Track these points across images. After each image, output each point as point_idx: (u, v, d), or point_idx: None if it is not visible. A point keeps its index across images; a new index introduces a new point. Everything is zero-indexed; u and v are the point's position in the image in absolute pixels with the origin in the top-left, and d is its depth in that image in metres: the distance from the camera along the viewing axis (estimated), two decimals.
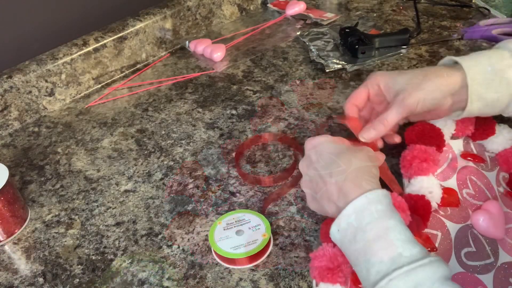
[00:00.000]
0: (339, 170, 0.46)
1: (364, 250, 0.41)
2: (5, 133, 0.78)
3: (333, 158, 0.47)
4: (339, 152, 0.48)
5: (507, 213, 0.52)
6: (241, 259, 0.51)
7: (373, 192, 0.43)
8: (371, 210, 0.42)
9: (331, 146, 0.49)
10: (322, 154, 0.49)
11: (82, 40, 0.83)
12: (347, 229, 0.42)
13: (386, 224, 0.41)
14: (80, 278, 0.53)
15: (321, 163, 0.48)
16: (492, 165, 0.57)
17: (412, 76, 0.52)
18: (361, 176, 0.45)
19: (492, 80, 0.49)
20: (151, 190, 0.63)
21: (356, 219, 0.42)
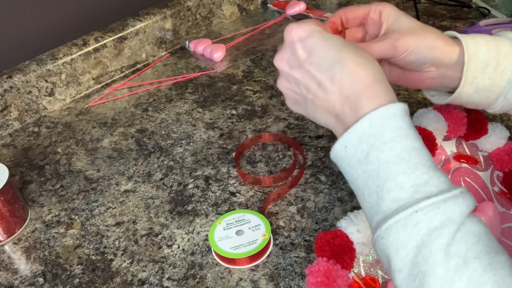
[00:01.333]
0: (345, 73, 0.37)
1: (378, 173, 0.34)
2: (5, 133, 0.78)
3: (333, 57, 0.37)
4: (340, 48, 0.38)
5: (503, 213, 0.52)
6: (241, 259, 0.51)
7: (395, 104, 0.35)
8: (393, 126, 0.35)
9: (327, 39, 0.39)
10: (315, 50, 0.38)
11: (82, 40, 0.83)
12: (359, 146, 0.35)
13: (410, 144, 0.34)
14: (80, 278, 0.53)
15: (316, 63, 0.38)
16: (486, 165, 0.57)
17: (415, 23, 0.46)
18: (377, 84, 0.37)
19: (487, 64, 0.45)
20: (151, 190, 0.63)
21: (372, 135, 0.35)
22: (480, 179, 0.55)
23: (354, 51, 0.38)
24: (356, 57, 0.38)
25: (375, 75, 0.37)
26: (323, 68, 0.38)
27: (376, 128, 0.35)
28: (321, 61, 0.38)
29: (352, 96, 0.37)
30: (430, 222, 0.32)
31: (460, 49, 0.46)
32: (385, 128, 0.35)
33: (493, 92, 0.46)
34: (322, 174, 0.62)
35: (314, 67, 0.38)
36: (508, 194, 0.54)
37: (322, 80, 0.38)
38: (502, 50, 0.46)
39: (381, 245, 0.35)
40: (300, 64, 0.39)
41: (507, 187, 0.54)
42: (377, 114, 0.35)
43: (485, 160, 0.57)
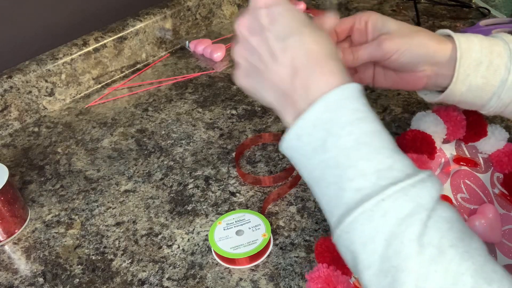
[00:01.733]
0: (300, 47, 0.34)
1: (337, 161, 0.31)
2: (5, 133, 0.78)
3: (293, 29, 0.35)
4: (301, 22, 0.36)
5: (503, 215, 0.52)
6: (241, 259, 0.51)
7: (351, 85, 0.33)
8: (350, 108, 0.32)
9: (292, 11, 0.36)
10: (278, 19, 0.36)
11: (82, 40, 0.83)
12: (314, 134, 0.32)
13: (369, 127, 0.32)
14: (80, 278, 0.53)
15: (274, 32, 0.35)
16: (486, 167, 0.57)
17: (403, 25, 0.46)
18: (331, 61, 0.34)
19: (480, 62, 0.44)
20: (151, 190, 0.63)
21: (329, 120, 0.32)
22: (480, 182, 0.55)
23: (314, 29, 0.36)
24: (315, 34, 0.35)
25: (330, 53, 0.35)
26: (280, 37, 0.35)
27: (332, 112, 0.32)
28: (280, 30, 0.35)
29: (303, 69, 0.34)
30: (399, 211, 0.29)
31: (453, 46, 0.45)
32: (342, 112, 0.32)
33: (486, 91, 0.46)
34: None
35: (272, 35, 0.36)
36: (509, 196, 0.54)
37: (275, 50, 0.35)
38: (495, 49, 0.45)
39: (345, 241, 0.32)
40: (261, 30, 0.36)
41: (507, 189, 0.54)
42: (332, 96, 0.32)
43: (485, 162, 0.57)
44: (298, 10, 0.37)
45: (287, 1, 0.37)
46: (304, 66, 0.34)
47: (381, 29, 0.47)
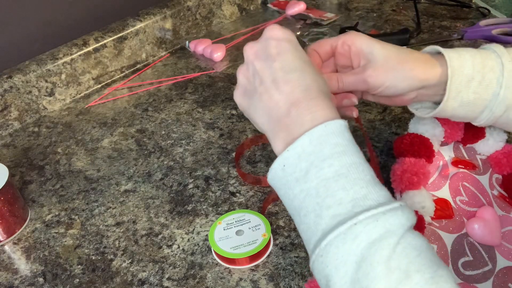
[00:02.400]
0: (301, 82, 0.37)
1: (317, 191, 0.34)
2: (5, 133, 0.78)
3: (298, 64, 0.39)
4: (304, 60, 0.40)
5: (503, 217, 0.52)
6: (241, 259, 0.51)
7: (334, 121, 0.36)
8: (331, 143, 0.35)
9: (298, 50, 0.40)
10: (285, 52, 0.39)
11: (82, 40, 0.83)
12: (298, 165, 0.35)
13: (348, 160, 0.34)
14: (80, 278, 0.53)
15: (280, 61, 0.39)
16: (485, 168, 0.57)
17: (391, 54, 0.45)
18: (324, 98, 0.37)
19: (472, 78, 0.44)
20: (151, 190, 0.63)
21: (312, 152, 0.35)
22: (479, 184, 0.55)
23: (314, 69, 0.40)
24: (313, 72, 0.39)
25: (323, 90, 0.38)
26: (285, 69, 0.38)
27: (316, 146, 0.35)
28: (286, 63, 0.39)
29: (300, 102, 0.37)
30: (370, 235, 0.31)
31: (443, 67, 0.45)
32: (324, 146, 0.35)
33: (478, 105, 0.46)
34: None
35: (278, 65, 0.39)
36: (508, 198, 0.54)
37: (278, 78, 0.38)
38: (487, 64, 0.45)
39: (320, 265, 0.33)
40: (266, 57, 0.40)
41: (506, 190, 0.54)
42: (316, 131, 0.35)
43: (484, 163, 0.57)
44: (303, 51, 0.41)
45: (296, 40, 0.41)
46: (301, 100, 0.37)
47: (366, 55, 0.46)
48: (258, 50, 0.41)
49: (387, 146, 0.65)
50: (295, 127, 0.36)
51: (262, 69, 0.40)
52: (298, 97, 0.37)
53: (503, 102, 0.45)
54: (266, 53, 0.40)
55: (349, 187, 0.33)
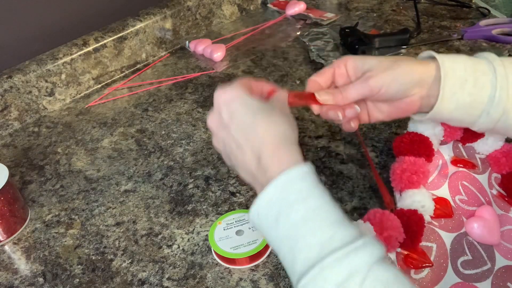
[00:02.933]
0: (256, 137, 0.40)
1: (288, 236, 0.36)
2: (5, 133, 0.78)
3: (248, 122, 0.41)
4: (254, 113, 0.41)
5: (502, 216, 0.52)
6: (241, 259, 0.51)
7: (297, 168, 0.38)
8: (295, 189, 0.37)
9: (246, 105, 0.42)
10: (235, 114, 0.42)
11: (82, 40, 0.83)
12: (269, 212, 0.38)
13: (313, 204, 0.37)
14: (80, 278, 0.53)
15: (234, 125, 0.41)
16: (484, 167, 0.57)
17: (383, 59, 0.48)
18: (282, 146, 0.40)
19: (465, 80, 0.45)
20: (151, 190, 0.63)
21: (278, 200, 0.37)
22: (478, 183, 0.55)
23: (267, 114, 0.41)
24: (267, 120, 0.40)
25: (281, 140, 0.40)
26: (241, 129, 0.41)
27: (281, 193, 0.37)
28: (239, 124, 0.41)
29: (261, 158, 0.39)
30: (336, 277, 0.33)
31: (437, 67, 0.46)
32: (289, 192, 0.37)
33: (475, 108, 0.46)
34: (322, 174, 0.62)
35: (234, 129, 0.42)
36: (507, 197, 0.54)
37: (239, 142, 0.41)
38: (479, 68, 0.46)
39: None
40: (225, 125, 0.43)
41: (505, 189, 0.54)
42: (281, 179, 0.37)
43: (483, 162, 0.57)
44: (252, 101, 0.42)
45: (242, 94, 0.43)
46: (261, 154, 0.39)
47: (362, 68, 0.48)
48: (217, 120, 0.44)
49: (387, 146, 0.65)
50: (264, 178, 0.39)
51: (225, 138, 0.43)
52: (260, 153, 0.39)
53: (499, 104, 0.45)
54: (222, 121, 0.43)
55: (316, 230, 0.35)
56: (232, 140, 0.42)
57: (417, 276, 0.47)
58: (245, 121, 0.41)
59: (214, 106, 0.44)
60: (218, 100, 0.44)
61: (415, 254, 0.49)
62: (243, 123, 0.41)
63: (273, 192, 0.38)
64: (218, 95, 0.43)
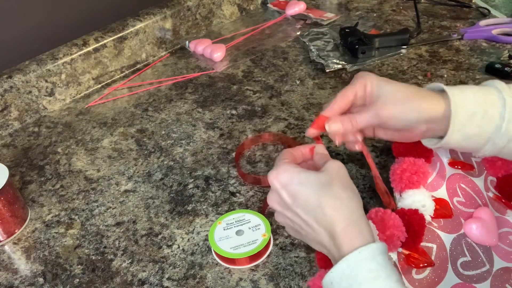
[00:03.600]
0: (325, 217, 0.42)
1: None
2: (5, 133, 0.78)
3: (313, 203, 0.43)
4: (317, 193, 0.43)
5: (498, 218, 0.52)
6: (241, 259, 0.51)
7: (367, 247, 0.40)
8: (364, 268, 0.40)
9: (304, 184, 0.44)
10: (297, 196, 0.44)
11: (82, 40, 0.83)
12: (340, 284, 0.40)
13: (380, 285, 0.39)
14: (80, 278, 0.53)
15: (300, 207, 0.44)
16: (480, 170, 0.57)
17: (398, 90, 0.49)
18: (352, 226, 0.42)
19: (475, 113, 0.47)
20: (151, 190, 0.63)
21: (350, 276, 0.40)
22: (475, 186, 0.55)
23: (331, 195, 0.43)
24: (333, 200, 0.42)
25: (350, 217, 0.42)
26: (308, 210, 0.43)
27: (352, 270, 0.40)
28: (304, 205, 0.43)
29: (333, 236, 0.42)
30: None
31: (447, 102, 0.48)
32: (358, 271, 0.39)
33: (481, 137, 0.48)
34: None
35: (300, 210, 0.44)
36: (503, 199, 0.54)
37: (309, 222, 0.43)
38: (489, 99, 0.47)
39: None
40: (288, 207, 0.45)
41: (501, 192, 0.54)
42: (352, 257, 0.40)
43: (479, 165, 0.57)
44: (309, 179, 0.44)
45: (296, 172, 0.44)
46: (333, 234, 0.42)
47: (377, 92, 0.50)
48: (279, 201, 0.46)
49: (387, 146, 0.65)
50: (337, 253, 0.42)
51: (293, 217, 0.45)
52: (332, 232, 0.42)
53: (505, 134, 0.46)
54: (284, 203, 0.45)
55: None
56: (300, 220, 0.44)
57: (419, 276, 0.47)
58: (310, 202, 0.43)
59: (272, 188, 0.46)
60: (274, 183, 0.45)
61: (416, 254, 0.49)
62: (308, 205, 0.43)
63: (345, 267, 0.40)
64: (273, 178, 0.45)
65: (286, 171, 0.45)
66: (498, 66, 0.76)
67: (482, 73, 0.77)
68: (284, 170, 0.45)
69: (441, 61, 0.82)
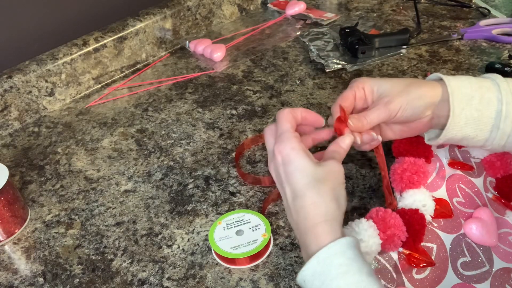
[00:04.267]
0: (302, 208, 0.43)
1: None
2: (5, 133, 0.78)
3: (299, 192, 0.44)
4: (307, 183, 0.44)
5: (498, 219, 0.52)
6: (241, 259, 0.51)
7: (336, 242, 0.41)
8: (335, 264, 0.40)
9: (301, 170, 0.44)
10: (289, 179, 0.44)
11: (82, 40, 0.83)
12: (313, 282, 0.41)
13: (351, 279, 0.39)
14: (80, 278, 0.53)
15: (288, 189, 0.45)
16: (479, 171, 0.57)
17: (396, 83, 0.51)
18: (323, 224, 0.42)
19: (472, 97, 0.48)
20: (151, 190, 0.63)
21: (322, 272, 0.40)
22: (474, 186, 0.55)
23: (317, 191, 0.43)
24: (316, 196, 0.43)
25: (324, 216, 0.42)
26: (291, 196, 0.44)
27: (323, 267, 0.40)
28: (293, 190, 0.44)
29: (305, 230, 0.43)
30: None
31: (444, 87, 0.50)
32: (329, 267, 0.40)
33: (484, 123, 0.49)
34: None
35: (288, 191, 0.45)
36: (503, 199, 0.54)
37: (291, 207, 0.44)
38: (484, 85, 0.49)
39: None
40: (281, 183, 0.46)
41: (500, 193, 0.55)
42: (321, 254, 0.40)
43: (478, 166, 0.58)
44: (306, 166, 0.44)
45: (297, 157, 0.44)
46: (305, 227, 0.43)
47: (377, 91, 0.52)
48: (275, 172, 0.47)
49: (386, 146, 0.65)
50: (308, 248, 0.42)
51: (283, 194, 0.46)
52: (302, 225, 0.43)
53: (507, 118, 0.47)
54: (280, 178, 0.46)
55: None
56: (287, 200, 0.45)
57: (419, 276, 0.47)
58: (297, 190, 0.44)
59: (274, 157, 0.46)
60: (277, 156, 0.46)
61: (416, 253, 0.49)
62: (295, 191, 0.44)
63: (316, 265, 0.40)
64: (278, 152, 0.45)
65: (292, 149, 0.45)
66: (498, 66, 0.76)
67: (482, 73, 0.77)
68: (290, 148, 0.45)
69: (441, 61, 0.82)
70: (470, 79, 0.50)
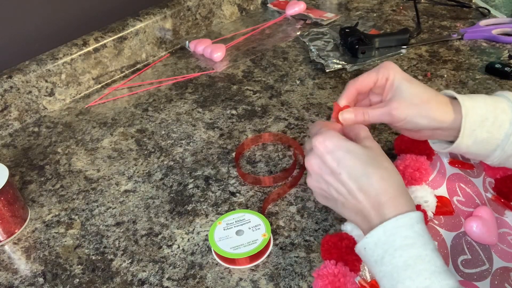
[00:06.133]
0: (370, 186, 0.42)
1: (391, 274, 0.40)
2: (5, 133, 0.78)
3: (360, 171, 0.43)
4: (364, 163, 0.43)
5: (498, 219, 0.52)
6: (241, 259, 0.51)
7: (405, 215, 0.41)
8: (402, 235, 0.40)
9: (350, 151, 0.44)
10: (343, 162, 0.44)
11: (82, 40, 0.83)
12: (375, 250, 0.41)
13: (416, 252, 0.39)
14: (80, 278, 0.53)
15: (345, 173, 0.44)
16: (479, 171, 0.57)
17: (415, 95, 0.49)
18: (398, 197, 0.42)
19: (486, 118, 0.48)
20: (151, 190, 0.63)
21: (386, 242, 0.40)
22: (474, 186, 0.56)
23: (378, 165, 0.43)
24: (380, 170, 0.43)
25: (398, 187, 0.43)
26: (352, 178, 0.43)
27: (389, 237, 0.40)
28: (350, 172, 0.43)
29: (377, 205, 0.42)
30: None
31: (457, 111, 0.49)
32: (395, 237, 0.40)
33: (491, 144, 0.48)
34: None
35: (344, 176, 0.43)
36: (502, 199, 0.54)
37: (352, 189, 0.43)
38: (499, 106, 0.48)
39: None
40: (332, 171, 0.44)
41: (499, 193, 0.55)
42: (389, 224, 0.41)
43: (477, 167, 0.58)
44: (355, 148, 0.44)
45: (343, 142, 0.44)
46: (378, 203, 0.42)
47: (395, 90, 0.50)
48: (320, 165, 0.45)
49: (387, 146, 0.65)
50: (374, 220, 0.42)
51: (333, 182, 0.45)
52: (374, 202, 0.42)
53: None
54: (326, 168, 0.45)
55: (415, 277, 0.38)
56: (342, 186, 0.44)
57: None
58: (356, 170, 0.43)
59: (314, 152, 0.46)
60: (319, 148, 0.45)
61: None
62: (353, 172, 0.43)
63: (382, 234, 0.41)
64: (319, 143, 0.45)
65: (334, 137, 0.45)
66: (498, 66, 0.76)
67: (482, 73, 0.77)
68: (331, 136, 0.45)
69: (441, 61, 0.82)
70: (485, 99, 0.49)
